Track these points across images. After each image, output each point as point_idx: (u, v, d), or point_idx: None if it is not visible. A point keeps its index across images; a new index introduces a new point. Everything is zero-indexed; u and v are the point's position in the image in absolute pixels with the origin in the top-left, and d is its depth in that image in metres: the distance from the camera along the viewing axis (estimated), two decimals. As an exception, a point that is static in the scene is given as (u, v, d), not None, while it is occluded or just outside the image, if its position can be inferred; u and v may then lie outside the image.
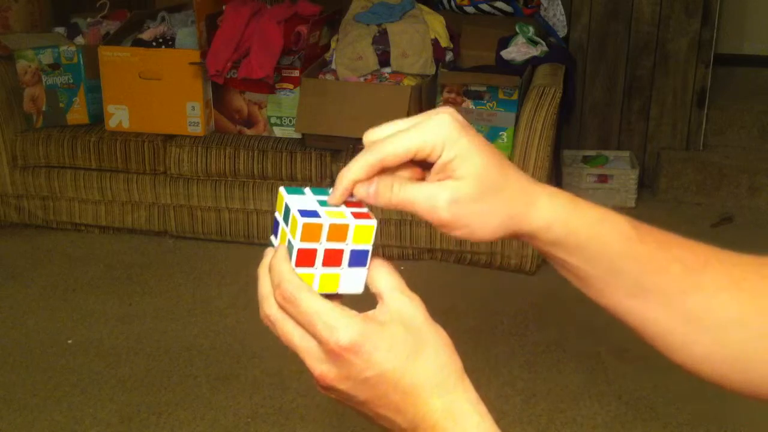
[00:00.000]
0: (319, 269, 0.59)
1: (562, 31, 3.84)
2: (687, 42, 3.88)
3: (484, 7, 3.75)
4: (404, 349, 0.56)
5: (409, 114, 3.16)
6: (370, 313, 0.58)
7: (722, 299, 0.63)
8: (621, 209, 3.71)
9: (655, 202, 3.89)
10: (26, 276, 3.23)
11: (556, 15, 3.82)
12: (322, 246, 0.58)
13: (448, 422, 0.57)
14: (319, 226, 0.58)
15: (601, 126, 4.05)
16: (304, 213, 0.58)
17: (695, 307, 0.63)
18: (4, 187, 3.54)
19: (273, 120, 3.43)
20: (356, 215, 0.59)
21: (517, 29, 3.51)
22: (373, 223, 0.59)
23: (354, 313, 0.57)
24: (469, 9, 3.76)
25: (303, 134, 3.34)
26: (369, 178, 0.59)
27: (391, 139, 0.58)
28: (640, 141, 4.03)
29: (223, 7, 3.42)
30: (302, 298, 0.57)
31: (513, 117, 3.22)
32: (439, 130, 0.57)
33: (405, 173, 0.60)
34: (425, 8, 3.52)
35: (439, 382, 0.57)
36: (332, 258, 0.59)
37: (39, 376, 2.61)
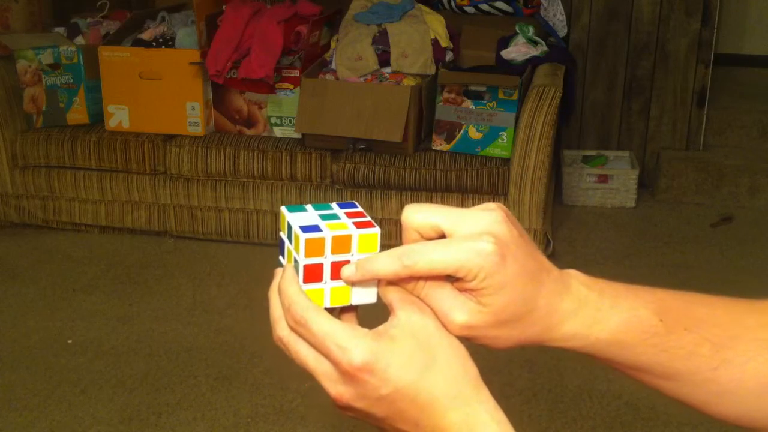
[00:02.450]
0: (328, 283, 0.59)
1: (562, 31, 3.84)
2: (687, 42, 3.88)
3: (484, 7, 3.75)
4: (417, 363, 0.56)
5: (408, 113, 3.16)
6: (381, 328, 0.57)
7: (754, 367, 0.63)
8: (621, 209, 3.69)
9: (655, 202, 3.89)
10: (26, 276, 3.23)
11: (556, 15, 3.82)
12: (327, 259, 0.58)
13: None
14: (322, 240, 0.57)
15: (601, 126, 4.05)
16: (306, 228, 0.58)
17: (727, 381, 0.63)
18: (4, 187, 3.54)
19: (273, 120, 3.43)
20: (358, 225, 0.59)
21: (517, 29, 3.51)
22: (376, 231, 0.59)
23: (365, 331, 0.57)
24: (469, 9, 3.76)
25: (303, 134, 3.34)
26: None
27: (427, 257, 0.56)
28: (640, 141, 4.03)
29: (223, 7, 3.42)
30: (312, 320, 0.57)
31: (513, 117, 3.22)
32: (479, 259, 0.55)
33: None
34: (425, 8, 3.52)
35: (455, 394, 0.57)
36: (340, 270, 0.59)
37: (39, 376, 2.61)
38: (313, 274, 0.58)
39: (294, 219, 0.59)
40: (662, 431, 2.38)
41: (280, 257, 0.62)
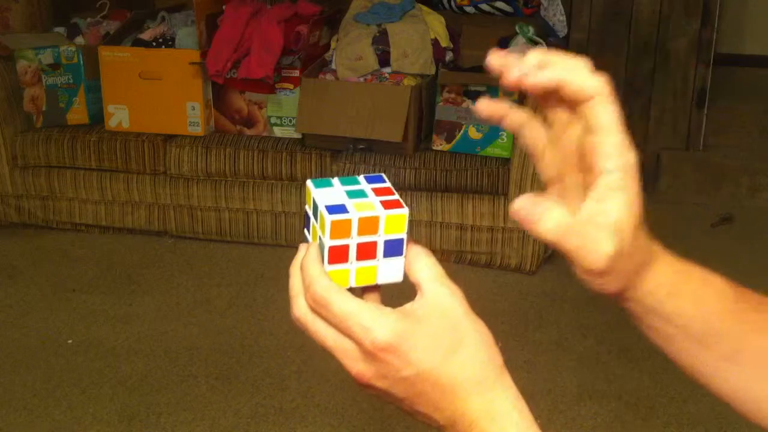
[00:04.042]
0: (354, 264, 0.58)
1: (562, 31, 3.84)
2: (687, 42, 3.88)
3: (484, 7, 3.75)
4: (442, 346, 0.55)
5: (408, 113, 3.16)
6: (408, 306, 0.56)
7: None
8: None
9: (655, 202, 3.88)
10: (26, 276, 3.23)
11: (556, 15, 3.82)
12: (353, 241, 0.57)
13: (486, 421, 0.56)
14: (348, 222, 0.56)
15: (601, 126, 4.05)
16: (332, 209, 0.56)
17: None
18: (4, 187, 3.54)
19: (273, 120, 3.43)
20: (386, 205, 0.57)
21: (517, 29, 3.51)
22: (404, 211, 0.57)
23: (389, 310, 0.56)
24: (469, 9, 3.76)
25: (303, 134, 3.34)
26: (530, 77, 0.56)
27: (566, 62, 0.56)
28: (640, 141, 4.03)
29: (223, 7, 3.42)
30: (333, 300, 0.55)
31: (513, 117, 3.21)
32: (627, 154, 0.59)
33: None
34: (425, 8, 3.52)
35: (478, 380, 0.56)
36: (366, 251, 0.57)
37: (39, 376, 2.61)
38: (338, 255, 0.57)
39: (320, 196, 0.57)
40: (662, 431, 2.38)
41: (305, 231, 0.61)
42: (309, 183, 0.59)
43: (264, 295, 3.07)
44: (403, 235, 0.58)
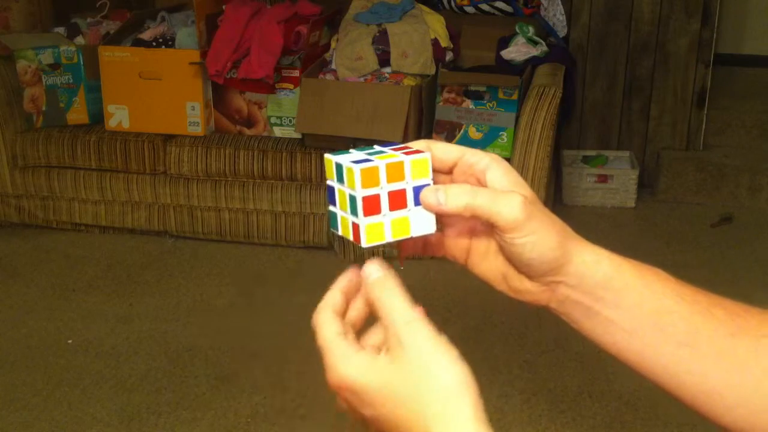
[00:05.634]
0: (387, 215, 0.60)
1: (562, 31, 3.84)
2: (687, 42, 3.88)
3: (484, 7, 3.75)
4: (403, 409, 0.56)
5: (408, 113, 3.16)
6: (381, 358, 0.57)
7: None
8: (621, 209, 3.70)
9: (655, 202, 3.89)
10: (26, 276, 3.23)
11: (556, 15, 3.82)
12: (384, 190, 0.59)
13: None
14: (376, 169, 0.59)
15: (601, 126, 4.05)
16: (358, 162, 0.59)
17: (744, 352, 0.60)
18: (4, 187, 3.54)
19: (273, 120, 3.43)
20: (407, 153, 0.61)
21: (517, 29, 3.51)
22: (426, 155, 0.60)
23: (360, 354, 0.58)
24: (469, 9, 3.76)
25: (303, 134, 3.34)
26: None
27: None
28: (640, 141, 4.03)
29: (223, 7, 3.42)
30: (319, 329, 0.60)
31: (513, 117, 3.22)
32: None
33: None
34: (425, 8, 3.52)
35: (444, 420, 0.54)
36: (397, 200, 0.60)
37: (39, 376, 2.61)
38: (371, 205, 0.59)
39: (342, 158, 0.60)
40: (662, 431, 2.38)
41: (330, 207, 0.63)
42: (327, 155, 0.62)
43: (264, 295, 3.07)
44: (429, 181, 0.61)
